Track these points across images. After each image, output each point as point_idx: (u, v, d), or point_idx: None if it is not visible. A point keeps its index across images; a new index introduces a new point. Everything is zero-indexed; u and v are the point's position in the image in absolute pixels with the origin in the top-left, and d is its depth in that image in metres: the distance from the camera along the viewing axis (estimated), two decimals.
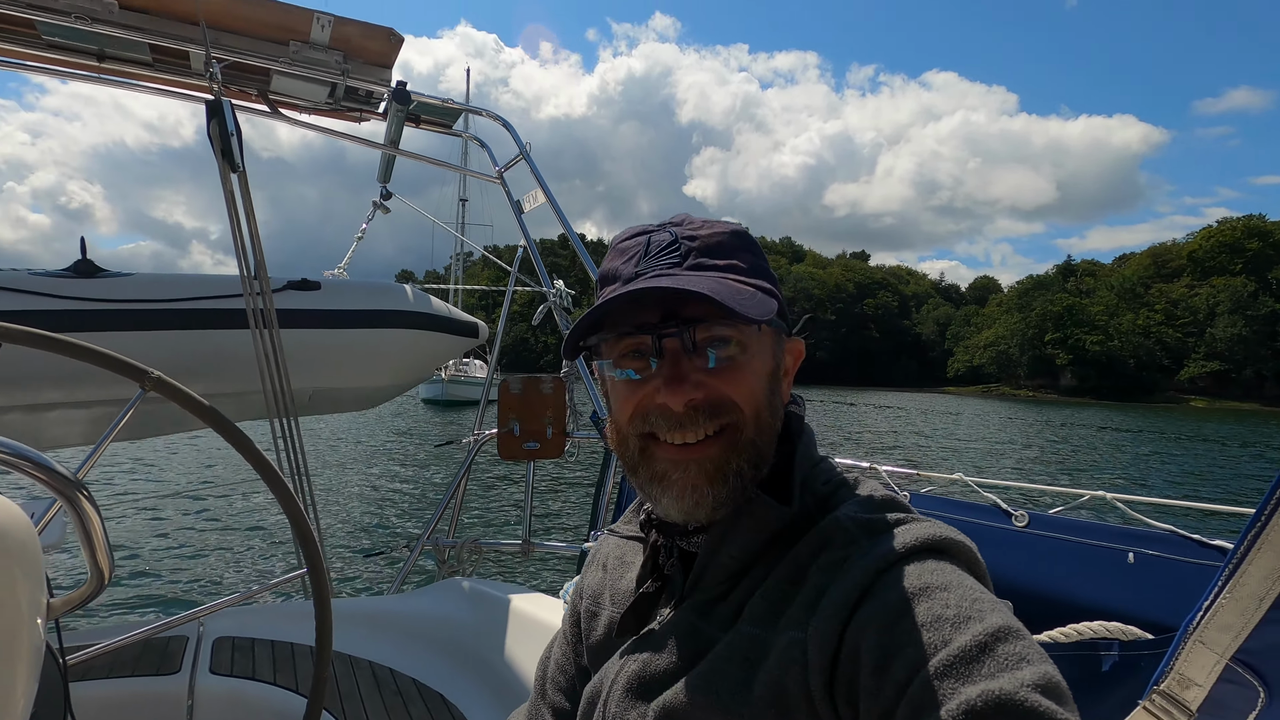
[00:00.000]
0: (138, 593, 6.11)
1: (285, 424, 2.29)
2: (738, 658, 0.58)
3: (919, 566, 0.55)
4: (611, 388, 0.69)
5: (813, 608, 0.56)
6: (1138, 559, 1.30)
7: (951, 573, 0.54)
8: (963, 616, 0.49)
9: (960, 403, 61.20)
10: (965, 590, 0.52)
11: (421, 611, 2.32)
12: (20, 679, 0.64)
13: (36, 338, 1.03)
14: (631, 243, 0.68)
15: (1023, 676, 0.45)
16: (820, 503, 0.66)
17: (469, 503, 4.35)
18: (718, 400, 0.63)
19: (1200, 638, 0.69)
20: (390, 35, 2.50)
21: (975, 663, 0.46)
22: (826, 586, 0.56)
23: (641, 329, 0.63)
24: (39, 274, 2.35)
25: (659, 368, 0.64)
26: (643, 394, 0.64)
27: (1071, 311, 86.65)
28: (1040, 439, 27.63)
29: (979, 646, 0.47)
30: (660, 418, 0.63)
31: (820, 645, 0.53)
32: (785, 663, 0.55)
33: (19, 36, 2.31)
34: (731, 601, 0.63)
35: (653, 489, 0.66)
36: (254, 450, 1.19)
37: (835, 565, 0.58)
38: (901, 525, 0.60)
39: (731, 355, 0.63)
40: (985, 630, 0.48)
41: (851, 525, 0.61)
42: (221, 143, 1.84)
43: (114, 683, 1.79)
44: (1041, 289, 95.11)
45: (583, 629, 0.81)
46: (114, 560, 0.90)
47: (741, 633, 0.59)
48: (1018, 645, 0.47)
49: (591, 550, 0.89)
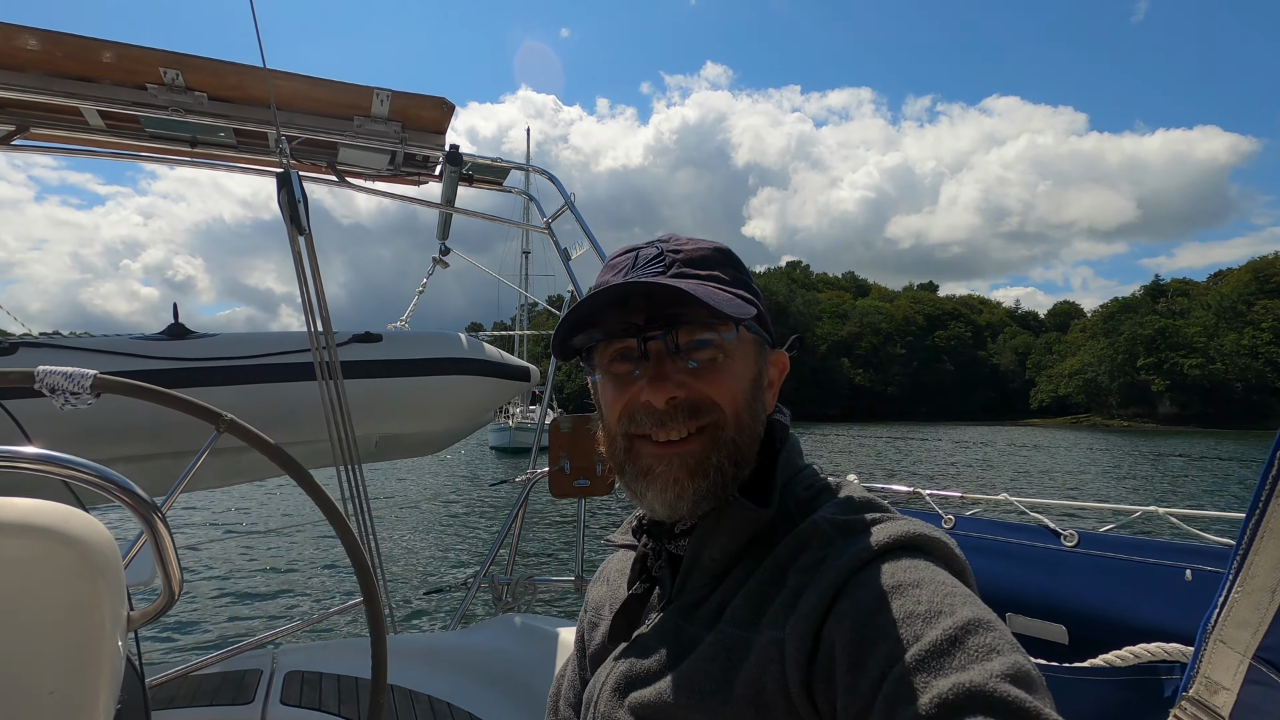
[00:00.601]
0: (219, 629, 6.48)
1: (350, 470, 2.44)
2: (719, 657, 0.60)
3: (893, 565, 0.56)
4: (601, 392, 0.72)
5: (791, 608, 0.57)
6: (1196, 576, 1.23)
7: (925, 569, 0.56)
8: (934, 611, 0.51)
9: (1051, 436, 57.61)
10: (937, 585, 0.53)
11: (478, 647, 2.38)
12: (104, 681, 0.72)
13: (124, 385, 1.19)
14: (621, 258, 0.73)
15: (992, 667, 0.46)
16: (802, 506, 0.68)
17: (525, 539, 4.43)
18: (698, 399, 0.66)
19: (1220, 636, 0.67)
20: (442, 104, 2.71)
21: (946, 655, 0.47)
22: (804, 587, 0.58)
23: (627, 332, 0.68)
24: (137, 338, 2.62)
25: (644, 369, 0.67)
26: (629, 394, 0.68)
27: (1165, 334, 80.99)
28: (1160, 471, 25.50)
29: (949, 640, 0.48)
30: (645, 415, 0.67)
31: (797, 644, 0.55)
32: (764, 661, 0.56)
33: (127, 130, 2.64)
34: (713, 602, 0.65)
35: (639, 485, 0.69)
36: (316, 487, 1.30)
37: (813, 566, 0.60)
38: (877, 525, 0.61)
39: (712, 357, 0.67)
40: (955, 624, 0.49)
41: (828, 526, 0.63)
42: (290, 210, 2.04)
43: (194, 711, 1.91)
44: (1129, 311, 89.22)
45: (585, 641, 0.84)
46: (183, 578, 1.00)
47: (723, 633, 0.61)
48: (987, 636, 0.48)
49: (600, 567, 0.93)
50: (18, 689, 0.66)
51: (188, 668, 1.29)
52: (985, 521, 1.57)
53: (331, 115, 2.66)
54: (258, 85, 2.37)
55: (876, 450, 35.02)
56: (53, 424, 1.22)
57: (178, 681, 1.29)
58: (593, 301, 0.67)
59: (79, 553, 0.69)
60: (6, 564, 0.66)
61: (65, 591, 0.68)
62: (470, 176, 3.23)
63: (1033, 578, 1.44)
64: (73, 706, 0.68)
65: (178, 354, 2.55)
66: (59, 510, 0.70)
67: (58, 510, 0.70)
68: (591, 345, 0.71)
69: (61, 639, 0.68)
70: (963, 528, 1.60)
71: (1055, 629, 1.38)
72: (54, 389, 1.20)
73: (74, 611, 0.69)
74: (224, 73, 2.37)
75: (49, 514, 0.69)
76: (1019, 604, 1.44)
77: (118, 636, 0.75)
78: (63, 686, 0.67)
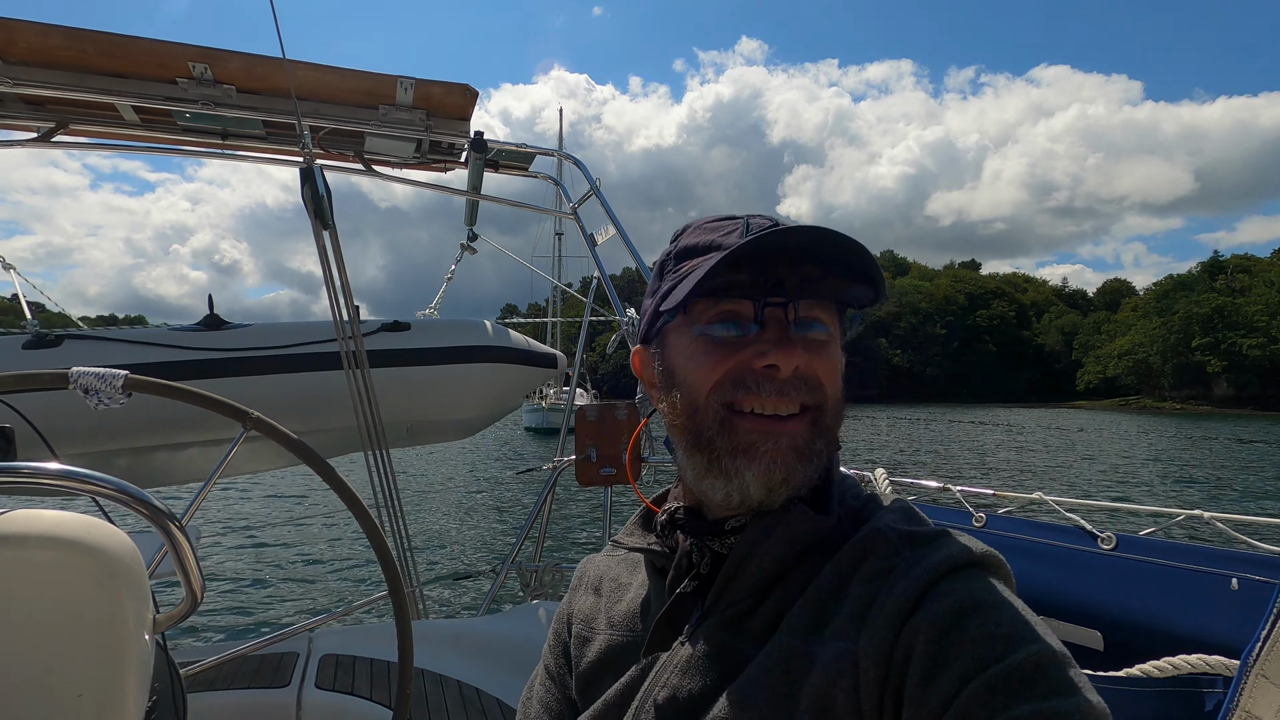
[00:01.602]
0: (253, 613, 6.76)
1: (378, 456, 2.48)
2: (777, 669, 0.56)
3: (969, 583, 0.54)
4: (689, 354, 0.64)
5: (861, 618, 0.55)
6: (1242, 585, 1.16)
7: (1004, 592, 0.54)
8: (1016, 636, 0.49)
9: (1099, 419, 55.89)
10: (1017, 612, 0.52)
11: (506, 633, 2.41)
12: (130, 680, 0.74)
13: (153, 385, 1.22)
14: (724, 222, 0.66)
15: (1076, 703, 0.45)
16: (853, 515, 0.64)
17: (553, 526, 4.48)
18: (813, 378, 0.61)
19: (1262, 671, 0.62)
20: (466, 90, 2.69)
21: (1028, 682, 0.46)
22: (873, 597, 0.55)
23: (744, 293, 0.61)
24: (175, 329, 2.69)
25: (760, 332, 0.61)
26: (739, 358, 0.61)
27: (1223, 312, 77.31)
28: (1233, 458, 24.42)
29: (1033, 666, 0.47)
30: (762, 381, 0.60)
31: (874, 656, 0.52)
32: (833, 675, 0.53)
33: (160, 124, 2.69)
34: (764, 614, 0.60)
35: (732, 463, 0.61)
36: (340, 481, 1.33)
37: (880, 575, 0.56)
38: (945, 538, 0.58)
39: (824, 340, 0.63)
40: (1039, 652, 0.48)
41: (895, 536, 0.59)
42: (314, 204, 2.06)
43: (233, 693, 1.98)
44: (1185, 289, 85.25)
45: (572, 657, 0.76)
46: (205, 582, 1.03)
47: (780, 644, 0.57)
48: (1070, 672, 0.47)
49: (576, 574, 0.85)
50: (47, 693, 0.68)
51: (226, 655, 1.35)
52: (1018, 521, 1.51)
53: (357, 104, 2.67)
54: (283, 77, 2.39)
55: (908, 434, 34.41)
56: (90, 415, 1.27)
57: (217, 665, 1.35)
58: (746, 247, 0.59)
59: (101, 562, 0.71)
60: (34, 573, 0.69)
61: (89, 599, 0.71)
62: (496, 162, 3.23)
63: (1067, 581, 1.38)
64: (101, 708, 0.71)
65: (212, 345, 2.61)
66: (82, 521, 0.72)
67: (80, 521, 0.72)
68: (687, 304, 0.62)
69: (87, 644, 0.70)
70: (994, 526, 1.55)
71: (1090, 635, 1.32)
72: (87, 390, 1.24)
73: (98, 617, 0.71)
74: (250, 65, 2.39)
75: (72, 525, 0.71)
76: (1052, 607, 1.39)
77: (143, 639, 0.77)
78: (91, 689, 0.70)
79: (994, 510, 1.58)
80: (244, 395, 1.25)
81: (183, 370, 2.44)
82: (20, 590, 0.68)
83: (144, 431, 2.44)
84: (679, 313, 0.64)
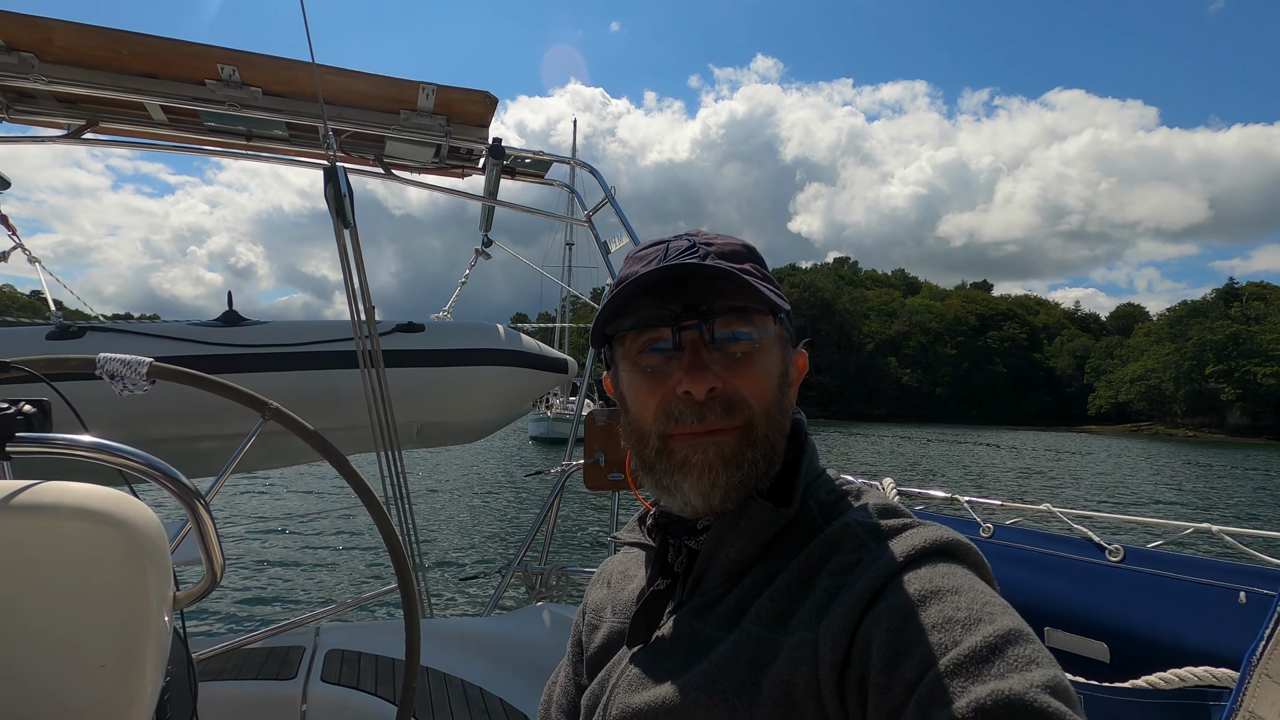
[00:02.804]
0: (265, 607, 6.78)
1: (390, 455, 2.50)
2: (745, 657, 0.59)
3: (930, 569, 0.56)
4: (628, 386, 0.70)
5: (824, 609, 0.57)
6: (1250, 599, 1.16)
7: (963, 575, 0.55)
8: (974, 618, 0.50)
9: (1109, 444, 55.28)
10: (976, 593, 0.53)
11: (509, 634, 2.42)
12: (150, 655, 0.76)
13: (177, 373, 1.26)
14: (650, 250, 0.71)
15: (1032, 678, 0.45)
16: (825, 510, 0.67)
17: (559, 530, 4.49)
18: (733, 396, 0.64)
19: (1265, 670, 0.63)
20: (486, 98, 2.74)
21: (986, 663, 0.47)
22: (837, 589, 0.57)
23: (662, 320, 0.66)
24: (195, 324, 2.74)
25: (678, 359, 0.65)
26: (665, 388, 0.66)
27: (1237, 340, 76.51)
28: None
29: (990, 647, 0.48)
30: (683, 408, 0.65)
31: (832, 644, 0.54)
32: (794, 662, 0.55)
33: (187, 124, 2.75)
34: (731, 601, 0.64)
35: (672, 480, 0.66)
36: (355, 475, 1.35)
37: (846, 568, 0.59)
38: (909, 529, 0.61)
39: (748, 350, 0.65)
40: (996, 632, 0.49)
41: (861, 530, 0.62)
42: (336, 203, 2.10)
43: (240, 684, 2.00)
44: (1199, 316, 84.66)
45: (583, 644, 0.82)
46: (225, 561, 1.05)
47: (748, 633, 0.60)
48: (1028, 648, 0.48)
49: (596, 572, 0.91)
50: (73, 661, 0.70)
51: (235, 643, 1.36)
52: (1026, 532, 1.51)
53: (379, 109, 2.72)
54: (308, 80, 2.45)
55: (914, 454, 34.16)
56: (114, 405, 1.30)
57: (225, 655, 1.37)
58: (631, 287, 0.65)
59: (128, 536, 0.73)
60: (64, 544, 0.71)
61: (115, 571, 0.72)
62: (513, 169, 3.27)
63: (1074, 592, 1.38)
64: (122, 679, 0.72)
65: (231, 340, 2.66)
66: (111, 495, 0.74)
67: (109, 495, 0.74)
68: (619, 335, 0.69)
69: (112, 615, 0.72)
70: (1001, 537, 1.55)
71: (1096, 646, 1.32)
72: (113, 375, 1.28)
73: (123, 590, 0.73)
74: (277, 69, 2.45)
75: (102, 498, 0.73)
76: (1059, 618, 1.39)
77: (164, 615, 0.78)
78: (113, 661, 0.72)
79: (1002, 522, 1.58)
80: (260, 390, 1.28)
81: (202, 364, 2.48)
82: (51, 559, 0.70)
83: (162, 422, 2.48)
84: (611, 343, 0.71)
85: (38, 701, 0.68)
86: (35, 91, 2.42)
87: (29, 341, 2.49)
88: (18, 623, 0.69)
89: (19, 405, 0.90)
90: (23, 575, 0.69)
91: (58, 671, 0.69)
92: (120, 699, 0.72)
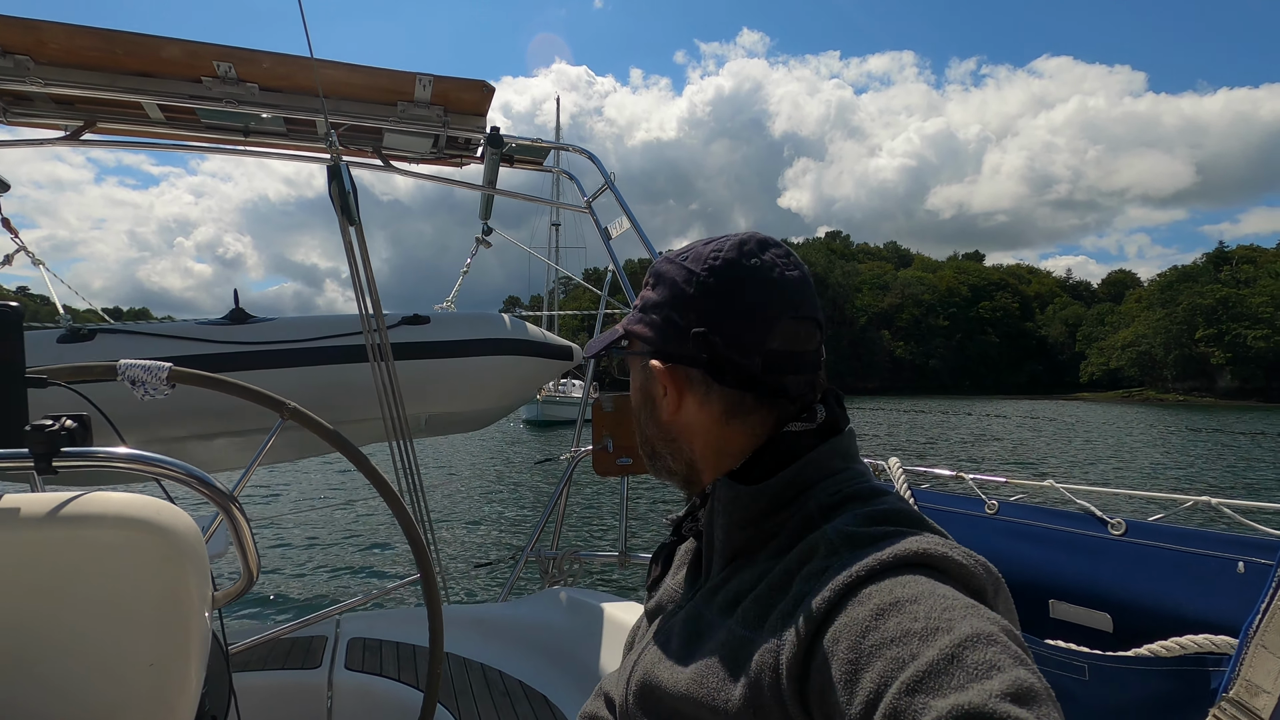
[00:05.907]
0: (287, 598, 6.89)
1: (402, 446, 2.54)
2: (729, 657, 0.61)
3: (893, 581, 0.54)
4: None
5: (789, 616, 0.58)
6: (1249, 568, 1.21)
7: (924, 584, 0.53)
8: (930, 629, 0.49)
9: (1099, 411, 55.78)
10: (936, 600, 0.51)
11: (526, 618, 2.48)
12: (194, 653, 0.81)
13: (197, 377, 1.29)
14: None
15: (992, 686, 0.44)
16: (824, 512, 0.66)
17: (570, 515, 4.56)
18: None
19: (1262, 642, 0.67)
20: (483, 87, 2.73)
21: (944, 675, 0.46)
22: (803, 596, 0.58)
23: None
24: (203, 323, 2.75)
25: None
26: None
27: (1227, 304, 76.79)
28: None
29: (947, 658, 0.46)
30: None
31: (790, 653, 0.55)
32: (761, 666, 0.57)
33: (183, 122, 2.74)
34: (730, 590, 0.68)
35: None
36: (373, 470, 1.39)
37: (815, 575, 0.59)
38: (889, 539, 0.59)
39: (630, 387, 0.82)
40: (953, 640, 0.47)
41: (835, 536, 0.61)
42: (340, 200, 2.11)
43: (267, 674, 2.05)
44: (1189, 280, 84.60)
45: None
46: (261, 561, 1.09)
47: (734, 632, 0.62)
48: (987, 652, 0.46)
49: None
50: (123, 662, 0.75)
51: (263, 637, 1.42)
52: (1029, 507, 1.57)
53: (376, 101, 2.71)
54: (305, 75, 2.44)
55: (908, 426, 34.42)
56: (131, 406, 1.33)
57: (252, 646, 1.43)
58: None
59: (169, 541, 0.77)
60: (108, 551, 0.75)
61: (159, 575, 0.77)
62: (511, 157, 3.27)
63: (1078, 565, 1.43)
64: (170, 675, 0.77)
65: (240, 338, 2.68)
66: (150, 503, 0.78)
67: (149, 503, 0.78)
68: None
69: (157, 617, 0.77)
70: (1006, 513, 1.60)
71: (1100, 617, 1.38)
72: (134, 381, 1.30)
73: (167, 593, 0.77)
74: (273, 64, 2.44)
75: (142, 507, 0.77)
76: (1063, 591, 1.44)
77: (205, 614, 0.83)
78: (161, 660, 0.76)
79: (1006, 498, 1.63)
80: (272, 386, 1.32)
81: (214, 363, 2.51)
82: (97, 566, 0.74)
83: (177, 423, 2.50)
84: None
85: (93, 698, 0.73)
86: (32, 94, 2.40)
87: (41, 345, 2.50)
88: (72, 626, 0.73)
89: (61, 420, 0.93)
90: (74, 582, 0.73)
91: (110, 670, 0.74)
92: (168, 694, 0.77)
